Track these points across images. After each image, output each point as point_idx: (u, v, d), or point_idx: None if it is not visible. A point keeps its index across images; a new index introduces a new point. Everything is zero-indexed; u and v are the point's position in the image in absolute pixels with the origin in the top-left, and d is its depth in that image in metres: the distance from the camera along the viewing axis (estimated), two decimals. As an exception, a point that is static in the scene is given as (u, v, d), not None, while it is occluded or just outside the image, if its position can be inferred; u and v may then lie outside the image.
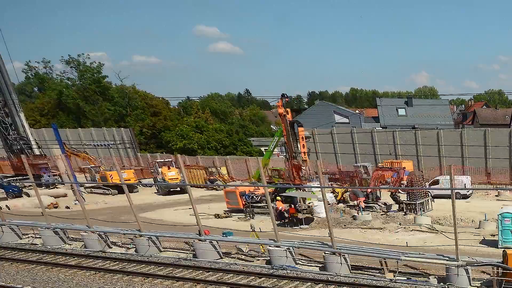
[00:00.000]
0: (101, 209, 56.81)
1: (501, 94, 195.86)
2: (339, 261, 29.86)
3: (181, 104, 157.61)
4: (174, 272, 30.74)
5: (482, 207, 53.22)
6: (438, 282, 28.19)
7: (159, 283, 28.57)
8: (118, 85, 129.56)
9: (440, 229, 44.49)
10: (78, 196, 42.10)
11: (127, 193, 34.76)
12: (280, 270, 30.43)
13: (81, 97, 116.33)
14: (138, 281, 29.11)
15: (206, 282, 28.33)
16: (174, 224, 42.36)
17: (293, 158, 54.10)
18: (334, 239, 30.29)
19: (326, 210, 30.31)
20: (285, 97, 52.48)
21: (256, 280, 28.86)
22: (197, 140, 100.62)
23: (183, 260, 33.23)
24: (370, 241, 39.43)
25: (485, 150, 77.66)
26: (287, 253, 31.41)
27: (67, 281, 29.13)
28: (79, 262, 33.51)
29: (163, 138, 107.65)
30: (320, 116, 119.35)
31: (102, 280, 29.25)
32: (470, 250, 35.28)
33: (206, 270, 30.73)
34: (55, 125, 70.30)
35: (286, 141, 54.27)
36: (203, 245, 33.63)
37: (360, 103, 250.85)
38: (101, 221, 40.36)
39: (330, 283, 27.97)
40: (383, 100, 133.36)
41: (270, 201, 34.32)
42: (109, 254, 35.55)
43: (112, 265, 32.59)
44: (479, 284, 28.08)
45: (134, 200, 57.13)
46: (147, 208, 56.86)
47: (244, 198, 52.64)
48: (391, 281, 28.01)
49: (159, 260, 33.36)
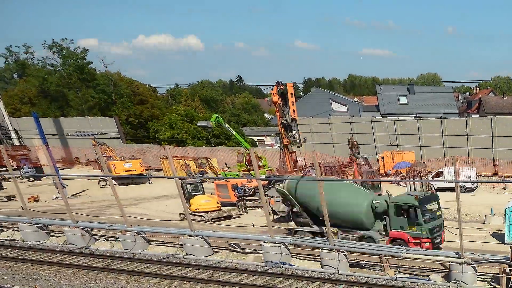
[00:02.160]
0: (91, 201, 56.94)
1: (508, 81, 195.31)
2: (337, 257, 29.77)
3: (169, 92, 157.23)
4: (161, 269, 30.63)
5: (488, 201, 53.21)
6: (442, 279, 28.13)
7: (146, 281, 28.46)
8: (102, 71, 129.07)
9: (444, 224, 44.57)
10: (60, 189, 41.84)
11: (112, 186, 34.60)
12: (274, 267, 30.35)
13: (64, 84, 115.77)
14: (124, 279, 28.99)
15: (196, 280, 28.21)
16: (161, 219, 42.31)
17: (287, 149, 54.01)
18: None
19: (323, 204, 30.26)
20: (280, 84, 52.08)
21: (248, 278, 28.76)
22: (186, 130, 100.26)
23: (171, 257, 33.12)
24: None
25: (491, 140, 77.65)
26: (281, 249, 31.31)
27: (48, 279, 29.00)
28: (62, 259, 33.35)
29: (150, 127, 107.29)
30: (316, 104, 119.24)
31: (86, 278, 29.14)
32: (476, 246, 35.36)
33: (195, 268, 30.63)
34: (36, 114, 69.80)
35: (281, 131, 53.71)
36: (193, 240, 33.54)
37: (359, 90, 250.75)
38: (86, 216, 40.32)
39: (327, 281, 27.87)
40: (383, 87, 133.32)
41: (263, 194, 34.20)
42: (93, 250, 35.44)
43: (96, 262, 32.46)
44: (485, 281, 28.06)
45: (131, 192, 57.30)
46: (139, 202, 56.74)
47: (236, 191, 52.36)
48: (392, 279, 27.93)
49: (146, 257, 33.25)
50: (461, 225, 27.62)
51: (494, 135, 76.78)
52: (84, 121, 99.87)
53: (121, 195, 37.70)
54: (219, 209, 48.78)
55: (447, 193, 53.76)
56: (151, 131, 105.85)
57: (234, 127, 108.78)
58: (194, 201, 47.75)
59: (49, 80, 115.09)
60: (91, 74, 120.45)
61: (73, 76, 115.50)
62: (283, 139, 53.19)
